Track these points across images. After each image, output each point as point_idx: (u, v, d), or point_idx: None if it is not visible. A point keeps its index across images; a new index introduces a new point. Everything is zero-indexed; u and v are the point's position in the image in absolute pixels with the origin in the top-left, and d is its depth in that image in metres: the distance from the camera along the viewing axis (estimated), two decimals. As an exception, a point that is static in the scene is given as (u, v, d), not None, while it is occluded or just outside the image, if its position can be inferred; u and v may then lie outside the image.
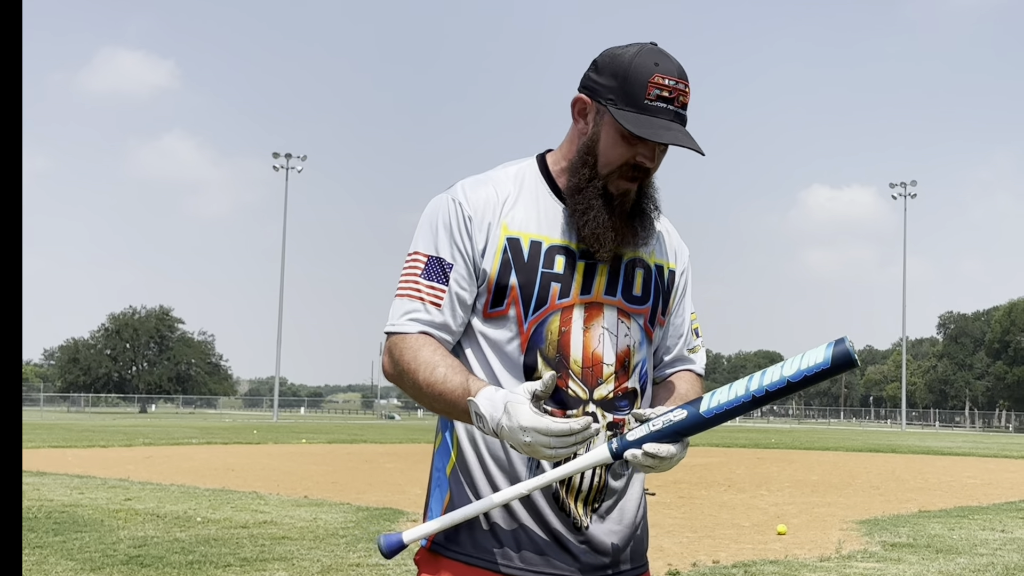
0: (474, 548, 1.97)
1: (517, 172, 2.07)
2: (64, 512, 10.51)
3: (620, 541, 2.04)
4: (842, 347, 1.83)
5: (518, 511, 1.96)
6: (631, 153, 1.95)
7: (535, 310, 1.96)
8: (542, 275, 1.97)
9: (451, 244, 1.99)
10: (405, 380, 1.97)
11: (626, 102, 1.93)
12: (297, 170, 68.40)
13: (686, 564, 7.94)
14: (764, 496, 14.06)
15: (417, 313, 1.98)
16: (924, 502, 13.53)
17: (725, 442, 32.97)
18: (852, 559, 8.37)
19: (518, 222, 2.00)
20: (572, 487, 1.98)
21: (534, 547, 1.96)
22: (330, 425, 51.59)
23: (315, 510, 11.16)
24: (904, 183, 72.29)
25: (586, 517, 1.99)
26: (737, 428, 59.42)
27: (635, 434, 1.89)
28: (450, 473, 2.02)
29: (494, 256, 1.97)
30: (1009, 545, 9.44)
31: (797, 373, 1.84)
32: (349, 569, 7.47)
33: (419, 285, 1.99)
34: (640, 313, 2.06)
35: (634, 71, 1.93)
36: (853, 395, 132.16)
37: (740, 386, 1.88)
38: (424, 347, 1.95)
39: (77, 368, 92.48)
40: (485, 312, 1.99)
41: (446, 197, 2.03)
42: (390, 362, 2.00)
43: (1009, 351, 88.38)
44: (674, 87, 1.93)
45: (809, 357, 1.85)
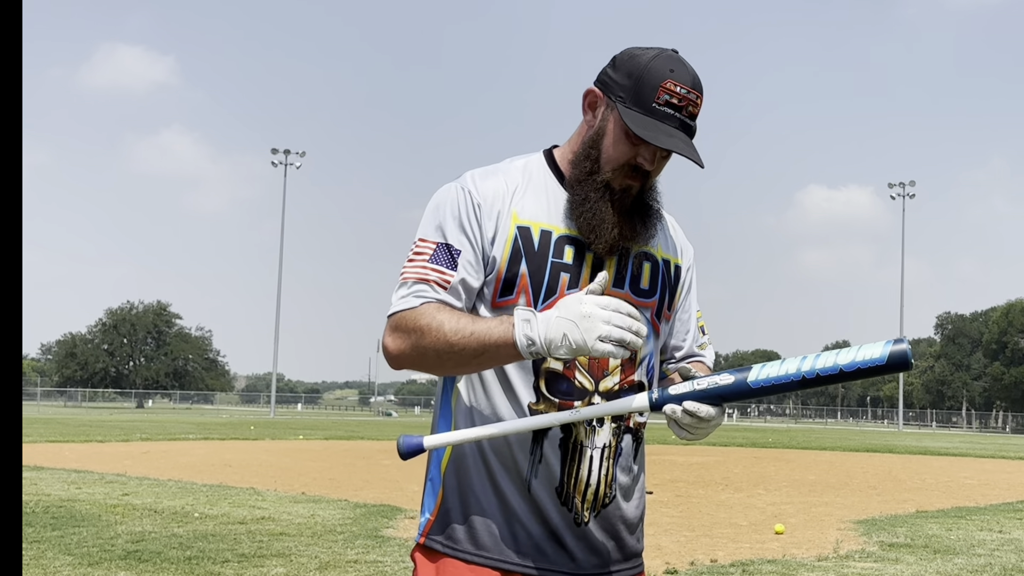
0: (471, 545, 1.96)
1: (525, 164, 2.07)
2: (62, 507, 10.50)
3: (618, 540, 2.03)
4: (901, 347, 1.83)
5: (516, 506, 1.95)
6: (633, 153, 1.96)
7: (544, 299, 1.96)
8: (552, 264, 1.97)
9: (459, 231, 1.97)
10: (426, 342, 1.89)
11: (635, 102, 1.94)
12: (295, 166, 68.44)
13: (684, 563, 7.94)
14: (762, 495, 14.06)
15: (425, 291, 1.94)
16: (921, 502, 13.54)
17: (722, 441, 32.98)
18: (850, 559, 8.37)
19: (528, 211, 2.00)
20: (579, 481, 1.97)
21: (531, 544, 1.95)
22: (327, 422, 51.59)
23: (312, 506, 11.16)
24: (903, 183, 72.40)
25: (588, 512, 1.98)
26: (734, 428, 59.53)
27: (678, 389, 1.87)
28: (445, 468, 2.01)
29: (504, 244, 1.97)
30: (1007, 546, 9.45)
31: (851, 364, 1.84)
32: (346, 565, 7.46)
33: (427, 269, 1.96)
34: (647, 306, 2.06)
35: (648, 73, 1.94)
36: (850, 395, 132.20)
37: (792, 364, 1.87)
38: (441, 309, 1.91)
39: (74, 363, 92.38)
40: (494, 301, 1.98)
41: (455, 186, 2.02)
42: (399, 336, 1.93)
43: (1006, 352, 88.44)
44: (685, 96, 1.94)
45: (866, 351, 1.84)
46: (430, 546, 2.00)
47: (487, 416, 1.97)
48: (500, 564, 1.95)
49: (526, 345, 1.82)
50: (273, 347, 69.12)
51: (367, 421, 55.22)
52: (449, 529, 1.98)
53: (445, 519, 1.99)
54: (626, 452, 2.03)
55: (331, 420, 56.20)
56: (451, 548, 1.97)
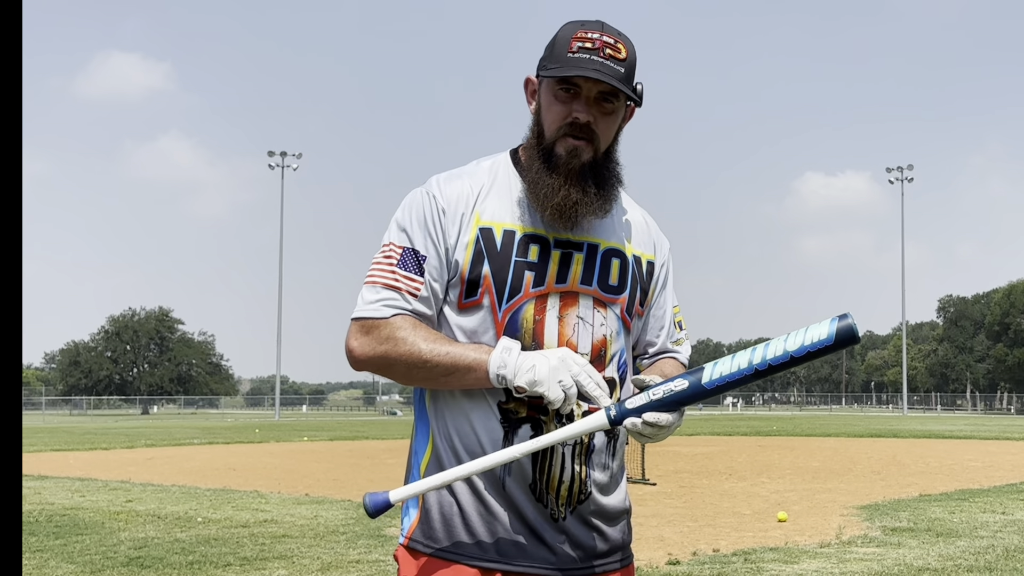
0: (451, 543, 1.97)
1: (491, 165, 2.08)
2: (65, 515, 10.51)
3: (600, 533, 2.03)
4: (846, 323, 1.83)
5: (493, 504, 1.96)
6: (567, 110, 1.96)
7: (508, 298, 1.96)
8: (515, 263, 1.97)
9: (425, 237, 1.99)
10: (396, 354, 1.93)
11: (553, 61, 1.97)
12: (293, 168, 68.38)
13: (686, 553, 7.94)
14: (765, 484, 14.07)
15: (395, 301, 1.97)
16: (925, 486, 13.54)
17: (726, 431, 33.00)
18: (852, 544, 8.38)
19: (490, 212, 2.00)
20: (552, 479, 1.97)
21: (510, 540, 1.96)
22: (332, 422, 51.64)
23: (316, 508, 11.17)
24: (901, 167, 72.31)
25: (563, 508, 1.97)
26: (738, 417, 59.54)
27: (635, 402, 1.88)
28: (424, 471, 2.02)
29: (466, 247, 1.98)
30: (1010, 527, 9.45)
31: (800, 348, 1.84)
32: (348, 566, 7.47)
33: (396, 275, 1.98)
34: (616, 303, 2.05)
35: (560, 36, 1.99)
36: (854, 381, 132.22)
37: (743, 358, 1.87)
38: (418, 325, 1.95)
39: (78, 371, 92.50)
40: (459, 303, 1.99)
41: (421, 191, 2.04)
42: (368, 342, 1.96)
43: (1009, 333, 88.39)
44: (598, 39, 1.95)
45: (813, 332, 1.85)
46: (413, 547, 2.01)
47: (457, 416, 1.98)
48: (481, 563, 1.95)
49: (497, 367, 1.88)
50: (276, 349, 69.24)
51: (372, 421, 55.26)
52: (430, 529, 1.99)
53: (426, 519, 2.00)
54: (599, 448, 2.02)
55: (336, 421, 56.26)
56: (432, 547, 1.98)
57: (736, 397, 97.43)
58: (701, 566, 7.39)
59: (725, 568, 7.30)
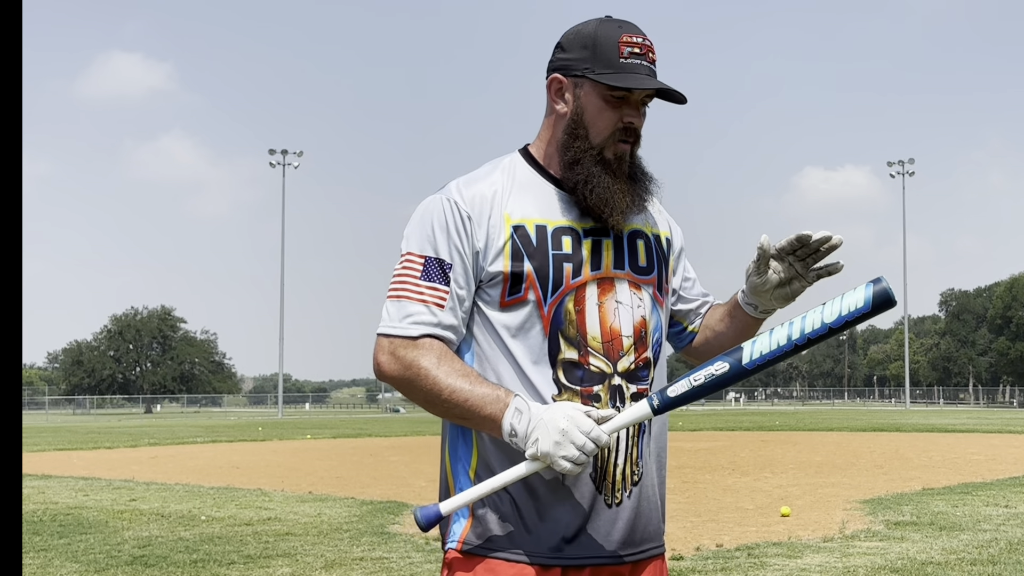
0: (509, 543, 1.96)
1: (507, 165, 2.08)
2: (69, 514, 10.53)
3: (647, 518, 2.04)
4: (880, 286, 1.82)
5: (549, 498, 1.95)
6: (618, 115, 2.00)
7: (552, 292, 1.97)
8: (553, 256, 1.98)
9: (448, 244, 1.98)
10: (419, 384, 1.94)
11: (603, 66, 1.98)
12: (294, 166, 68.39)
13: (689, 549, 7.95)
14: (768, 479, 14.08)
15: (422, 316, 1.95)
16: (928, 480, 13.54)
17: (729, 426, 33.02)
18: (855, 539, 8.38)
19: (519, 210, 2.01)
20: (608, 464, 1.97)
21: (568, 534, 1.95)
22: (335, 420, 51.66)
23: (319, 505, 11.18)
24: (902, 161, 72.26)
25: (619, 493, 1.98)
26: (741, 412, 59.56)
27: (677, 389, 1.88)
28: (474, 476, 2.00)
29: (503, 247, 1.98)
30: (1012, 520, 9.45)
31: (838, 319, 1.83)
32: (352, 563, 7.48)
33: (420, 287, 1.97)
34: (648, 283, 2.08)
35: (602, 37, 2.00)
36: (857, 375, 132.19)
37: (781, 334, 1.86)
38: (443, 356, 1.94)
39: (81, 370, 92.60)
40: (502, 302, 1.98)
41: (440, 197, 2.02)
42: (395, 363, 1.96)
43: (1011, 326, 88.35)
44: (643, 44, 2.01)
45: (848, 300, 1.83)
46: (468, 551, 1.98)
47: None
48: (541, 559, 1.94)
49: (508, 433, 1.89)
50: (279, 348, 69.29)
51: (375, 418, 55.27)
52: (486, 532, 1.97)
53: (480, 523, 1.98)
54: (653, 433, 2.05)
55: (339, 419, 56.27)
56: (488, 550, 1.96)
57: (739, 392, 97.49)
58: (704, 561, 7.40)
59: (728, 563, 7.31)
